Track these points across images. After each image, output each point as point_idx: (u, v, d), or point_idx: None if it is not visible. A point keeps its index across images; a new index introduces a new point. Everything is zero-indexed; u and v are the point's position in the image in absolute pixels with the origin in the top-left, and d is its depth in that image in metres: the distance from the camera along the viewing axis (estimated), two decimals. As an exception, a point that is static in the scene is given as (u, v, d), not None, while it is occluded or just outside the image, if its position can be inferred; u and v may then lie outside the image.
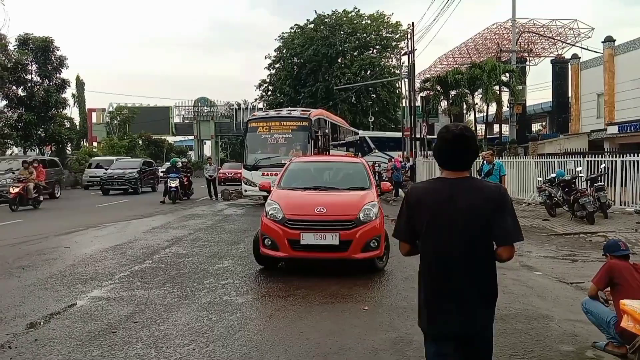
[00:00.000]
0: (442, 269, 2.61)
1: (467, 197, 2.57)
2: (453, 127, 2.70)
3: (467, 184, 2.62)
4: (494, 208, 2.55)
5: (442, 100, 35.06)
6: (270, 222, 7.43)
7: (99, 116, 59.71)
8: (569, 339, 4.94)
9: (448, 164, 2.67)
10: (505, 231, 2.56)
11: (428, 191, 2.71)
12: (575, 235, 11.27)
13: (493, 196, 2.58)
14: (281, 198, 7.81)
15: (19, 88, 33.30)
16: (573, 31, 39.21)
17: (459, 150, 2.63)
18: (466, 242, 2.56)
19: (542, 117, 52.07)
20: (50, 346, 4.67)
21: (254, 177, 18.19)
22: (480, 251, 2.59)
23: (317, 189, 8.32)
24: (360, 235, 7.13)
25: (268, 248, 7.44)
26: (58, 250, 9.75)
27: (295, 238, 7.17)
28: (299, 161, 10.23)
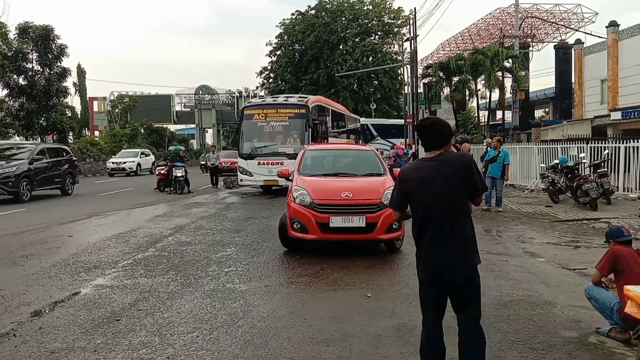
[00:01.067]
0: (427, 223, 3.34)
1: (442, 168, 3.32)
2: (423, 121, 3.57)
3: (441, 159, 3.37)
4: (464, 172, 3.33)
5: (445, 86, 34.84)
6: (299, 207, 7.80)
7: (101, 105, 59.70)
8: (572, 324, 4.95)
9: (426, 147, 3.46)
10: (476, 187, 3.38)
11: (414, 168, 3.57)
12: (578, 221, 11.26)
13: (463, 162, 3.38)
14: (307, 184, 8.18)
15: (20, 77, 33.28)
16: (577, 16, 38.87)
17: (428, 136, 3.43)
18: (444, 201, 3.29)
19: (545, 103, 51.82)
20: (55, 334, 4.70)
21: (250, 167, 17.91)
22: (456, 206, 3.33)
23: (337, 175, 8.84)
24: (384, 218, 7.50)
25: (297, 231, 7.81)
26: (61, 239, 9.78)
27: (324, 221, 7.58)
28: (313, 149, 10.47)
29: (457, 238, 3.31)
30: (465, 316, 3.36)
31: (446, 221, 3.29)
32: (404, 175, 3.53)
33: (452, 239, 3.29)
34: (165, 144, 50.01)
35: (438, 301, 3.39)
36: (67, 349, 4.34)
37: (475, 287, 3.35)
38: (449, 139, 3.47)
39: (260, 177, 17.67)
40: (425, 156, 3.46)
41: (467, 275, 3.31)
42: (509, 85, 32.90)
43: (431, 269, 3.35)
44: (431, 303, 3.41)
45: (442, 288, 3.34)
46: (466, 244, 3.33)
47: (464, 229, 3.33)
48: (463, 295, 3.34)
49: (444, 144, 3.43)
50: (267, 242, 9.15)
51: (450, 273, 3.29)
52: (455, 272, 3.29)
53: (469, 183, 3.32)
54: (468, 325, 3.36)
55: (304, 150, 10.06)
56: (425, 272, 3.39)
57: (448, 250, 3.28)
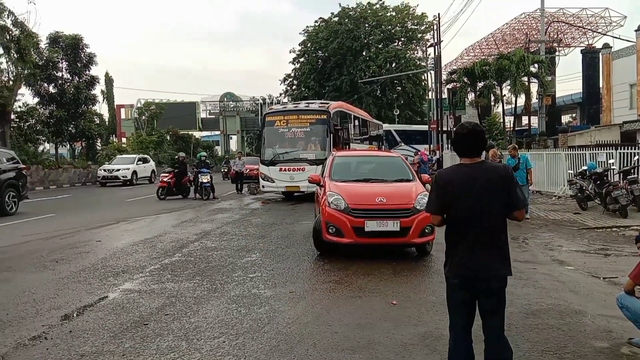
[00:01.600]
0: (465, 229, 3.35)
1: (484, 176, 3.35)
2: (467, 125, 3.51)
3: (483, 167, 3.42)
4: (505, 183, 3.35)
5: (469, 92, 34.55)
6: (334, 211, 7.99)
7: (128, 112, 60.63)
8: (603, 334, 4.84)
9: (465, 153, 3.44)
10: (517, 199, 3.38)
11: (454, 173, 3.50)
12: (607, 229, 11.02)
13: (505, 173, 3.41)
14: (340, 189, 8.38)
15: (50, 85, 34.10)
16: (604, 20, 38.21)
17: (469, 142, 3.42)
18: (484, 208, 3.31)
19: (572, 109, 50.97)
20: (84, 337, 4.78)
21: (271, 173, 17.84)
22: (495, 215, 3.34)
23: (368, 181, 9.01)
24: (417, 222, 7.73)
25: (333, 235, 7.99)
26: (90, 244, 9.96)
27: (359, 225, 7.77)
28: (341, 155, 10.71)
29: (494, 246, 3.34)
30: (493, 323, 3.37)
31: (485, 229, 3.33)
32: (443, 179, 3.50)
33: (489, 247, 3.33)
34: (191, 151, 50.54)
35: (469, 305, 3.40)
36: (96, 353, 4.42)
37: (503, 296, 3.39)
38: (485, 146, 3.58)
39: (282, 183, 17.65)
40: (463, 162, 3.46)
41: (500, 284, 3.35)
42: (535, 91, 32.42)
43: (466, 273, 3.35)
44: (462, 307, 3.41)
45: (473, 293, 3.36)
46: (502, 253, 3.37)
47: (501, 238, 3.37)
48: (494, 302, 3.36)
49: (482, 152, 3.51)
50: (291, 248, 9.18)
51: (485, 280, 3.32)
52: (489, 279, 3.33)
53: (508, 195, 3.34)
54: (496, 332, 3.37)
55: (333, 156, 10.23)
56: (458, 276, 3.39)
57: (485, 258, 3.32)
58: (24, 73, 28.43)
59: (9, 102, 28.04)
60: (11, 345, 4.62)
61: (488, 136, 32.93)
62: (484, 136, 3.50)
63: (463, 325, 3.42)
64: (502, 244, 3.37)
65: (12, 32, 26.23)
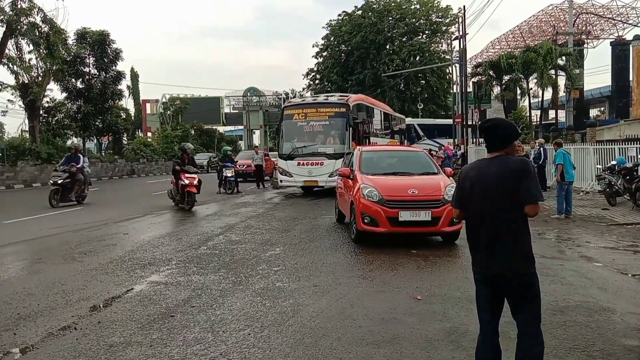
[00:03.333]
0: (478, 224, 3.38)
1: (496, 171, 3.33)
2: (488, 119, 3.58)
3: (497, 161, 3.38)
4: (517, 176, 3.25)
5: (495, 85, 34.14)
6: (369, 203, 8.53)
7: (153, 107, 61.50)
8: (633, 333, 4.74)
9: (488, 147, 3.50)
10: (528, 193, 3.23)
11: (471, 168, 3.59)
12: (637, 225, 10.78)
13: (516, 166, 3.29)
14: (373, 182, 8.90)
15: (78, 80, 34.73)
16: (635, 10, 37.31)
17: (489, 137, 3.45)
18: (498, 203, 3.28)
19: (601, 102, 49.98)
20: (113, 328, 4.87)
21: (289, 167, 17.65)
22: (510, 209, 3.26)
23: (396, 174, 9.50)
24: (447, 212, 8.13)
25: (368, 225, 8.52)
26: (117, 237, 10.14)
27: (393, 216, 8.30)
28: (368, 150, 11.24)
29: (509, 242, 3.27)
30: (520, 317, 3.33)
31: (499, 224, 3.28)
32: (462, 173, 3.59)
33: (504, 243, 3.27)
34: (215, 145, 50.99)
35: (492, 301, 3.40)
36: (124, 343, 4.50)
37: (529, 291, 3.29)
38: (511, 141, 3.41)
39: (300, 177, 17.51)
40: (486, 156, 3.51)
41: (520, 280, 3.28)
42: (563, 84, 31.89)
43: (483, 271, 3.38)
44: (485, 302, 3.43)
45: (496, 289, 3.35)
46: (519, 248, 3.29)
47: (518, 233, 3.29)
48: (516, 298, 3.32)
49: (506, 146, 3.40)
50: (314, 242, 9.20)
51: (501, 277, 3.30)
52: (506, 276, 3.28)
53: (521, 188, 3.24)
54: (524, 326, 3.32)
55: (360, 151, 10.64)
56: (478, 274, 3.44)
57: (499, 254, 3.28)
58: (52, 69, 29.01)
59: (39, 97, 28.67)
60: (42, 335, 4.73)
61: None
62: (503, 131, 3.42)
63: (488, 320, 3.42)
64: (519, 239, 3.29)
65: (41, 29, 26.77)
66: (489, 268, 3.33)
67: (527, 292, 3.30)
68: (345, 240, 9.40)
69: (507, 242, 3.27)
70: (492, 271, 3.31)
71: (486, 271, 3.35)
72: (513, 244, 3.27)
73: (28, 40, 26.54)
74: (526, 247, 3.31)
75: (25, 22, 25.95)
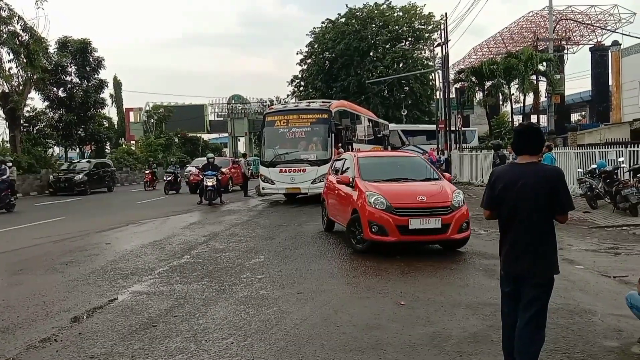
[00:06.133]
0: (509, 228, 3.55)
1: (530, 177, 3.45)
2: (523, 124, 3.78)
3: (533, 167, 3.51)
4: (554, 186, 3.43)
5: (478, 91, 34.40)
6: (377, 211, 8.17)
7: (136, 115, 61.04)
8: (613, 334, 4.80)
9: (519, 151, 3.59)
10: (562, 203, 3.47)
11: (505, 172, 3.69)
12: (617, 227, 10.94)
13: (553, 176, 3.49)
14: (378, 189, 8.53)
15: (59, 89, 34.37)
16: (613, 17, 37.99)
17: (524, 141, 3.56)
18: (528, 208, 3.44)
19: (582, 107, 50.70)
20: (94, 339, 4.81)
21: (271, 174, 17.44)
22: (539, 215, 3.45)
23: (399, 181, 9.16)
24: (456, 219, 8.10)
25: (376, 234, 8.17)
26: (99, 246, 10.04)
27: (403, 224, 7.98)
28: (365, 156, 10.87)
29: (535, 246, 3.48)
30: (524, 314, 3.51)
31: (527, 228, 3.48)
32: (495, 175, 3.73)
33: (530, 246, 3.48)
34: (199, 153, 50.72)
35: (514, 297, 3.60)
36: (105, 354, 4.44)
37: (541, 294, 3.50)
38: (542, 146, 3.68)
39: (282, 184, 17.33)
40: (518, 161, 3.63)
41: (538, 282, 3.49)
42: (544, 89, 32.25)
43: (508, 269, 3.60)
44: (508, 298, 3.67)
45: (518, 287, 3.57)
46: (543, 253, 3.49)
47: (544, 238, 3.50)
48: (530, 297, 3.50)
49: (539, 152, 3.65)
50: (299, 249, 9.19)
51: (523, 278, 3.51)
52: (527, 278, 3.49)
53: (554, 198, 3.44)
54: (524, 323, 3.50)
55: (355, 157, 10.24)
56: (504, 271, 3.66)
57: (524, 257, 3.49)
58: (33, 77, 28.69)
59: (19, 106, 28.31)
60: (22, 347, 4.66)
61: (495, 134, 32.95)
62: (537, 135, 3.59)
63: (509, 312, 3.66)
64: (545, 244, 3.49)
65: (21, 37, 26.48)
66: (513, 268, 3.55)
67: (539, 293, 3.49)
68: (330, 247, 9.40)
69: (533, 245, 3.47)
70: (516, 272, 3.54)
71: (511, 270, 3.57)
72: (538, 248, 3.48)
73: (8, 49, 26.25)
74: (550, 252, 3.52)
75: (5, 31, 25.68)
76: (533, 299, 3.49)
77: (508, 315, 3.66)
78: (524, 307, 3.51)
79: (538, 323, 3.51)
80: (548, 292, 3.54)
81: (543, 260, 3.48)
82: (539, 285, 3.49)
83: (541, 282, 3.49)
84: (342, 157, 11.72)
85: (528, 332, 3.49)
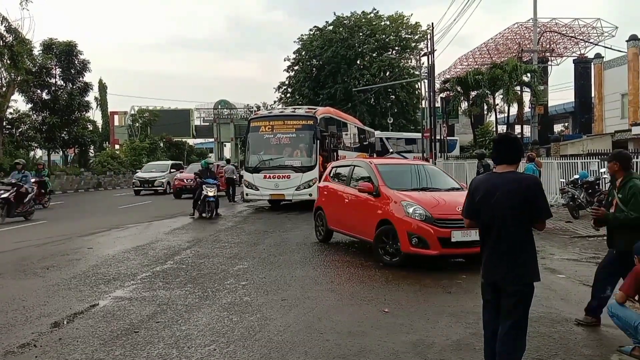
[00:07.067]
0: (488, 236, 3.58)
1: (507, 186, 3.49)
2: (500, 134, 3.87)
3: (510, 176, 3.55)
4: (529, 194, 3.47)
5: (463, 101, 34.79)
6: (417, 222, 7.74)
7: (121, 119, 60.51)
8: (593, 343, 4.86)
9: (497, 161, 3.65)
10: (539, 211, 3.51)
11: (483, 181, 3.73)
12: (599, 237, 11.04)
13: (530, 184, 3.53)
14: (413, 198, 8.10)
15: (44, 92, 33.94)
16: (596, 30, 38.63)
17: (502, 150, 3.63)
18: (505, 216, 3.47)
19: (565, 118, 51.38)
20: (74, 345, 4.74)
21: (255, 180, 17.32)
22: (515, 224, 3.48)
23: (425, 190, 8.72)
24: None
25: (416, 247, 7.72)
26: (81, 251, 9.91)
27: (445, 236, 7.57)
28: (382, 164, 9.91)
29: (513, 254, 3.50)
30: (504, 322, 3.54)
31: (506, 236, 3.50)
32: (475, 185, 3.77)
33: (509, 255, 3.51)
34: (184, 158, 50.46)
35: (495, 305, 3.62)
36: (86, 360, 4.38)
37: (521, 302, 3.52)
38: (521, 157, 3.75)
39: (267, 191, 17.20)
40: (496, 170, 3.70)
41: (517, 288, 3.51)
42: (528, 100, 32.69)
43: (488, 277, 3.64)
44: (489, 306, 3.70)
45: (497, 294, 3.60)
46: (522, 261, 3.51)
47: (521, 245, 3.52)
48: (509, 305, 3.53)
49: (518, 161, 3.69)
50: (284, 256, 9.16)
51: (502, 286, 3.55)
52: (506, 286, 3.52)
53: (532, 206, 3.48)
54: (505, 332, 3.53)
55: (372, 164, 9.53)
56: (483, 278, 3.71)
57: (503, 265, 3.53)
58: (17, 79, 28.36)
59: (2, 108, 27.98)
60: (0, 353, 4.57)
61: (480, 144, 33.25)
62: (515, 145, 3.65)
63: (489, 319, 3.69)
64: (524, 253, 3.52)
65: (5, 39, 26.18)
66: (491, 275, 3.60)
67: (519, 301, 3.52)
68: (315, 254, 9.39)
69: (511, 254, 3.50)
70: (497, 279, 3.57)
71: (491, 278, 3.61)
72: (517, 256, 3.50)
73: (-9, 51, 25.94)
74: (529, 260, 3.55)
75: (-12, 32, 25.39)
76: (513, 307, 3.52)
77: (489, 324, 3.69)
78: (505, 315, 3.54)
79: (519, 331, 3.54)
80: (528, 300, 3.57)
81: (522, 268, 3.52)
82: (518, 293, 3.51)
83: (520, 289, 3.52)
84: (348, 163, 11.23)
85: (509, 340, 3.52)
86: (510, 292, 3.51)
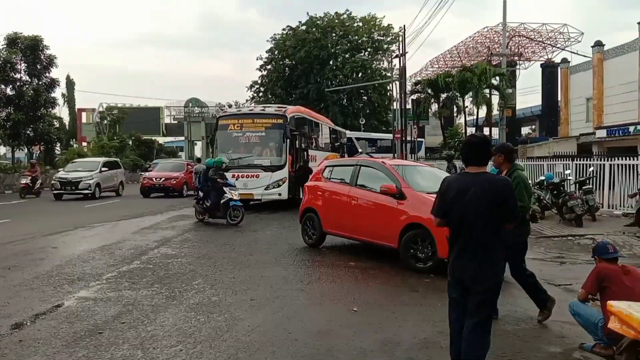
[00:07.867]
0: (458, 234, 3.63)
1: (479, 186, 3.53)
2: (471, 135, 3.95)
3: (482, 177, 3.60)
4: (501, 195, 3.54)
5: (433, 103, 35.19)
6: None
7: (89, 116, 59.27)
8: (556, 340, 4.96)
9: (468, 162, 3.69)
10: (511, 211, 3.60)
11: (456, 180, 3.78)
12: (563, 237, 11.32)
13: (500, 186, 3.59)
14: None
15: (8, 87, 32.94)
16: (563, 35, 39.52)
17: (476, 153, 3.66)
18: (476, 217, 3.52)
19: (532, 121, 52.42)
20: (35, 347, 4.62)
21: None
22: (486, 223, 3.53)
23: None
24: None
25: None
26: (45, 251, 9.65)
27: None
28: (396, 164, 9.35)
29: (482, 253, 3.57)
30: (469, 321, 3.61)
31: (475, 235, 3.56)
32: (445, 184, 3.81)
33: (477, 254, 3.57)
34: (154, 156, 49.72)
35: (461, 303, 3.68)
36: (47, 362, 4.27)
37: (487, 300, 3.63)
38: (489, 158, 3.86)
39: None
40: (467, 170, 3.74)
41: (484, 287, 3.58)
42: (496, 103, 33.27)
43: (455, 276, 3.69)
44: (455, 304, 3.75)
45: (464, 292, 3.66)
46: (490, 260, 3.59)
47: (491, 246, 3.59)
48: (475, 303, 3.60)
49: (487, 163, 3.79)
50: (254, 256, 9.10)
51: (469, 285, 3.60)
52: (473, 284, 3.58)
53: (503, 207, 3.56)
54: (469, 330, 3.60)
55: (386, 164, 9.00)
56: (451, 277, 3.74)
57: (471, 264, 3.58)
58: (-21, 74, 27.49)
59: (-37, 103, 27.06)
60: (-44, 356, 4.42)
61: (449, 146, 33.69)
62: (484, 147, 3.72)
63: (456, 318, 3.74)
64: (493, 253, 3.59)
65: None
66: (460, 275, 3.64)
67: (485, 300, 3.60)
68: (285, 253, 9.36)
69: (480, 253, 3.56)
70: (464, 277, 3.61)
71: (459, 276, 3.65)
72: (485, 256, 3.57)
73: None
74: (497, 260, 3.64)
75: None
76: (480, 305, 3.58)
77: (455, 321, 3.74)
78: (471, 314, 3.60)
79: (484, 329, 3.61)
80: (494, 298, 3.66)
81: (490, 267, 3.58)
82: (485, 292, 3.58)
83: (487, 288, 3.58)
84: (349, 162, 10.76)
85: (474, 337, 3.57)
86: (478, 290, 3.57)
